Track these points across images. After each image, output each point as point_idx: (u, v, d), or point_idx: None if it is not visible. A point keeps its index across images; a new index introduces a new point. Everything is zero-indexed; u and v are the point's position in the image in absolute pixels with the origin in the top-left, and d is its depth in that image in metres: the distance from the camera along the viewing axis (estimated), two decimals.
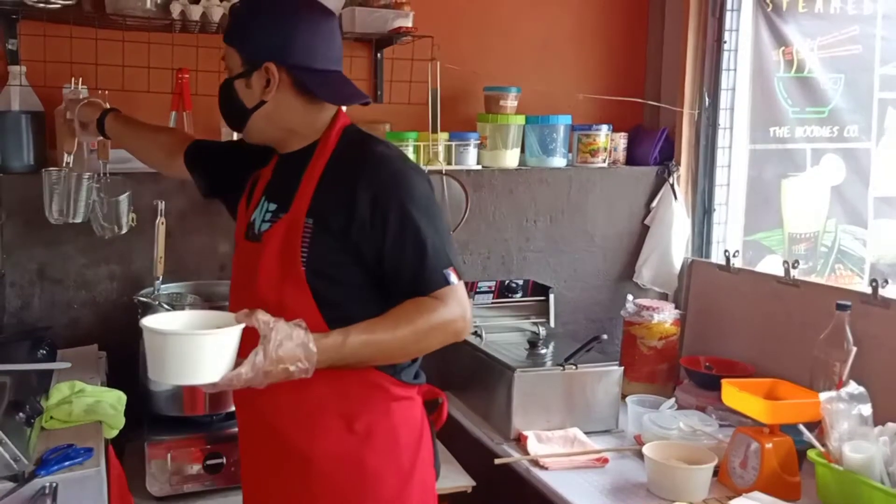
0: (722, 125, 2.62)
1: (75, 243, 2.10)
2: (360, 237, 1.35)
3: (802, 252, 2.73)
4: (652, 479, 1.74)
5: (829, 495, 1.62)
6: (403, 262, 1.35)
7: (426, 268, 1.35)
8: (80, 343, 2.10)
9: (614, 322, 2.61)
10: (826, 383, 1.86)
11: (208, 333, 1.18)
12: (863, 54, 2.73)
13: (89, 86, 2.10)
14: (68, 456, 1.40)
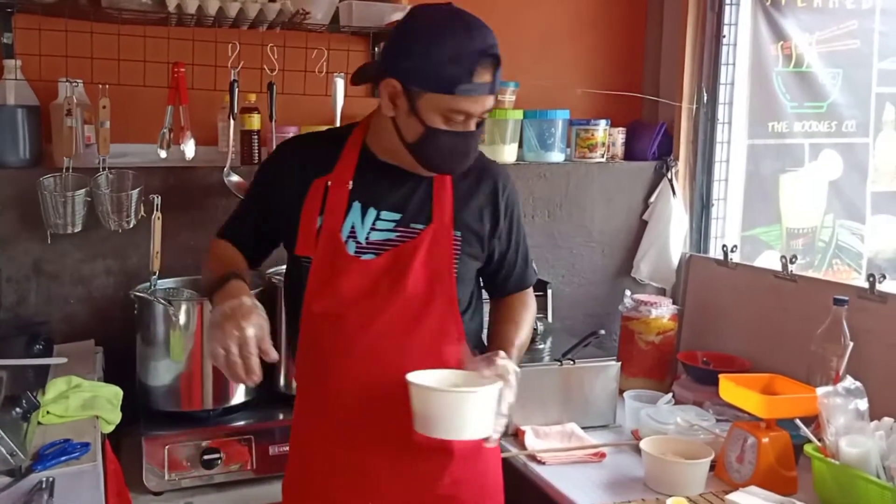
0: (720, 120, 2.62)
1: (71, 238, 2.10)
2: (496, 242, 1.56)
3: (800, 247, 2.73)
4: (649, 474, 1.74)
5: (826, 490, 1.62)
6: (518, 260, 1.62)
7: (529, 264, 1.66)
8: (76, 338, 2.10)
9: (612, 317, 2.61)
10: (823, 378, 1.86)
11: (474, 391, 1.32)
12: (861, 49, 2.73)
13: (84, 80, 2.09)
14: (65, 451, 1.40)
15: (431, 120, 1.37)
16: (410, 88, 1.37)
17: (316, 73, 2.30)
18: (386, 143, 1.46)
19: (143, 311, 1.96)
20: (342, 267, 1.44)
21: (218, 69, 2.21)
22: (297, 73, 2.30)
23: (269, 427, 1.95)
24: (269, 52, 2.24)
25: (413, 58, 1.35)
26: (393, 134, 1.43)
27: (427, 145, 1.41)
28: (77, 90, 2.05)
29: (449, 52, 1.33)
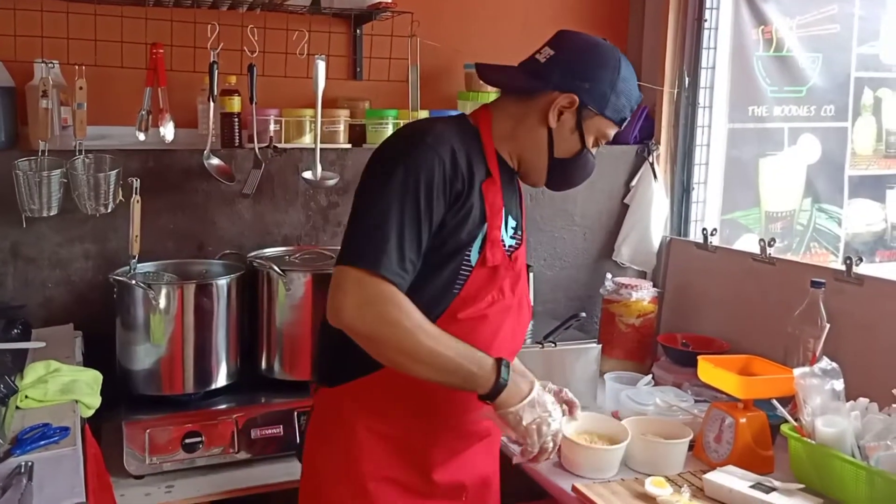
0: (701, 104, 2.63)
1: (48, 222, 2.07)
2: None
3: (779, 230, 2.76)
4: (629, 454, 1.76)
5: (802, 469, 1.65)
6: None
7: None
8: (55, 322, 2.08)
9: (593, 300, 2.63)
10: (800, 359, 1.89)
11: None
12: (841, 33, 2.75)
13: (61, 60, 2.06)
14: (44, 435, 1.40)
15: (588, 140, 1.47)
16: (586, 108, 1.43)
17: (297, 55, 2.28)
18: (521, 149, 1.48)
19: (122, 295, 1.95)
20: (503, 274, 1.44)
21: (197, 50, 2.19)
22: (278, 54, 2.28)
23: (251, 410, 1.95)
24: (250, 34, 2.22)
25: (599, 83, 1.43)
26: (538, 144, 1.46)
27: (576, 162, 1.49)
28: (53, 71, 2.02)
29: (626, 88, 1.46)
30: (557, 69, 1.43)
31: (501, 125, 1.47)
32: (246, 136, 2.27)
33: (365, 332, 1.29)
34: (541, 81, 1.43)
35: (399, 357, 1.30)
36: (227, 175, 2.20)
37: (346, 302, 1.27)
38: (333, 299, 1.29)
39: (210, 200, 2.24)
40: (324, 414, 1.49)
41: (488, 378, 1.33)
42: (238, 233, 2.28)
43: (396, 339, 1.28)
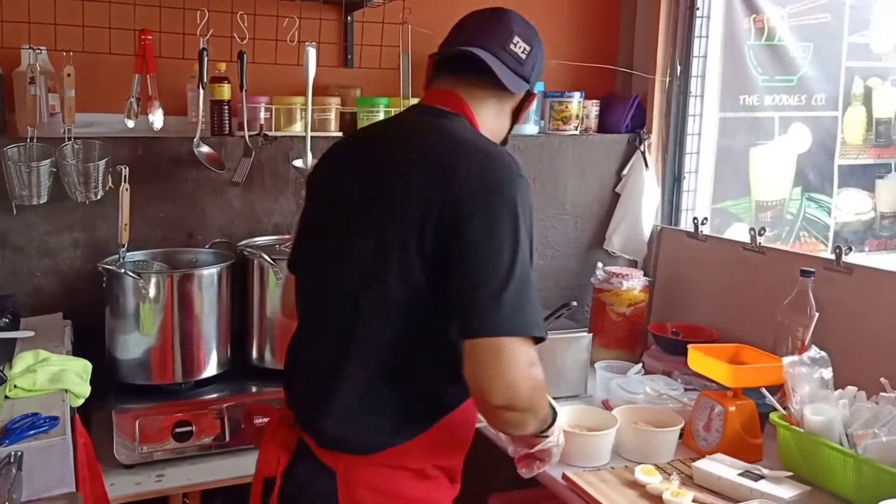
0: (693, 93, 2.63)
1: (37, 210, 2.05)
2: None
3: (769, 220, 2.77)
4: (619, 443, 1.77)
5: (790, 456, 1.66)
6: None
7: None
8: (43, 311, 2.07)
9: (584, 289, 2.63)
10: (789, 348, 1.90)
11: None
12: (832, 23, 2.75)
13: (48, 47, 2.03)
14: (34, 424, 1.39)
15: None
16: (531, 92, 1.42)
17: (287, 42, 2.27)
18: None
19: (111, 284, 1.94)
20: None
21: (186, 37, 2.17)
22: (269, 41, 2.26)
23: (242, 400, 1.94)
24: (240, 20, 2.20)
25: (540, 64, 1.41)
26: (499, 137, 1.40)
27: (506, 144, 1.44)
28: (40, 57, 1.99)
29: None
30: (533, 66, 1.38)
31: (484, 123, 1.35)
32: (236, 124, 2.25)
33: (525, 404, 1.16)
34: (523, 83, 1.37)
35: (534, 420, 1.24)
36: (216, 163, 2.18)
37: (521, 378, 1.14)
38: (506, 378, 1.12)
39: (200, 189, 2.22)
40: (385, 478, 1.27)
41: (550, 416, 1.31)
42: (228, 221, 2.26)
43: (542, 404, 1.23)
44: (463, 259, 1.14)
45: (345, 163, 1.37)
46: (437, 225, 1.15)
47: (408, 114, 1.42)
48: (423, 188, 1.18)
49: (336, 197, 1.33)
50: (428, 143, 1.25)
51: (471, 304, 1.12)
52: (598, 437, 1.72)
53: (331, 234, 1.31)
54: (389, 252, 1.19)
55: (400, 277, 1.18)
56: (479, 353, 1.12)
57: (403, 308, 1.19)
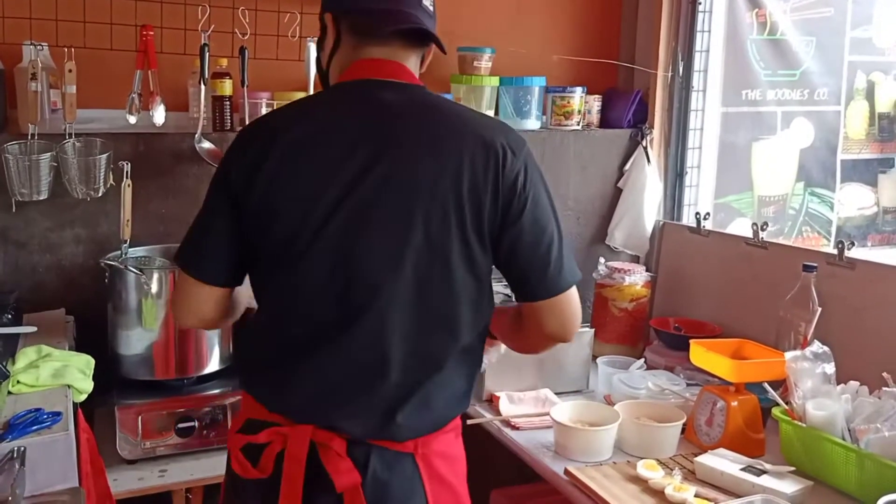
0: (695, 88, 2.62)
1: (38, 206, 2.06)
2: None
3: (771, 214, 2.77)
4: (621, 438, 1.77)
5: (793, 451, 1.66)
6: None
7: None
8: (46, 307, 2.07)
9: (586, 284, 2.61)
10: (791, 343, 1.90)
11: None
12: (834, 17, 2.74)
13: (50, 43, 2.03)
14: (36, 420, 1.39)
15: None
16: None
17: (289, 38, 2.27)
18: None
19: (114, 280, 1.94)
20: None
21: (188, 32, 2.17)
22: (270, 37, 2.26)
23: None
24: (241, 16, 2.20)
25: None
26: None
27: None
28: (42, 53, 1.99)
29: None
30: (435, 21, 1.36)
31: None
32: (237, 120, 2.25)
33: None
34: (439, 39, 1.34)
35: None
36: (218, 159, 2.18)
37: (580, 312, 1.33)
38: (579, 317, 1.32)
39: (201, 184, 2.22)
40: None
41: None
42: None
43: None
44: (524, 234, 1.25)
45: (348, 143, 1.22)
46: (493, 214, 1.23)
47: (384, 93, 1.27)
48: (479, 182, 1.21)
49: (364, 185, 1.20)
50: (454, 129, 1.25)
51: (544, 268, 1.26)
52: (600, 433, 1.72)
53: (365, 223, 1.20)
54: (449, 238, 1.21)
55: (463, 262, 1.23)
56: (561, 305, 1.29)
57: (470, 291, 1.26)
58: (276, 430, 1.25)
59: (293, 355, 1.26)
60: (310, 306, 1.24)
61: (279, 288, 1.26)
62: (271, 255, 1.25)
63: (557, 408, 1.82)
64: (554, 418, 1.77)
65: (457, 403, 1.32)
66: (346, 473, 1.21)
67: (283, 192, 1.21)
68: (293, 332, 1.26)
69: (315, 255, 1.21)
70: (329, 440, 1.22)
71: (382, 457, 1.24)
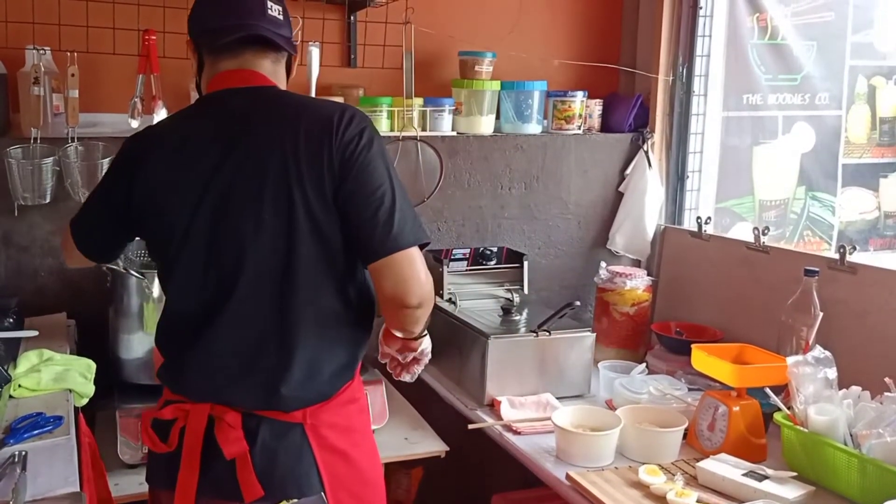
0: (696, 92, 2.62)
1: (41, 210, 2.06)
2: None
3: (772, 219, 2.77)
4: (623, 443, 1.77)
5: (794, 457, 1.66)
6: None
7: None
8: (47, 311, 2.07)
9: (587, 289, 2.63)
10: (793, 348, 1.89)
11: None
12: (835, 21, 2.74)
13: (52, 47, 2.04)
14: (37, 424, 1.39)
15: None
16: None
17: None
18: None
19: (115, 284, 1.94)
20: None
21: None
22: None
23: None
24: None
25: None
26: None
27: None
28: (45, 58, 2.00)
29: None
30: (288, 27, 1.46)
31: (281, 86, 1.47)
32: None
33: (429, 299, 1.37)
34: (290, 40, 1.46)
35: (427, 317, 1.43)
36: None
37: (426, 279, 1.35)
38: (420, 279, 1.33)
39: None
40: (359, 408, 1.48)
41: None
42: None
43: (433, 301, 1.41)
44: (356, 195, 1.33)
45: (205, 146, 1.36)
46: (331, 178, 1.31)
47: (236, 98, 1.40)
48: (315, 151, 1.31)
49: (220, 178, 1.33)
50: (293, 113, 1.36)
51: (375, 227, 1.32)
52: (601, 437, 1.72)
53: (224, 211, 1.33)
54: (295, 208, 1.31)
55: (312, 229, 1.32)
56: (396, 265, 1.32)
57: (327, 262, 1.34)
58: (179, 407, 1.37)
59: (182, 342, 1.39)
60: (189, 294, 1.37)
61: (166, 281, 1.42)
62: (155, 252, 1.44)
63: (559, 412, 1.82)
64: (555, 423, 1.76)
65: (338, 374, 1.39)
66: (235, 442, 1.31)
67: (156, 194, 1.37)
68: (180, 319, 1.40)
69: (188, 247, 1.35)
70: (223, 413, 1.33)
71: (271, 427, 1.34)
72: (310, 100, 1.44)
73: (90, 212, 1.50)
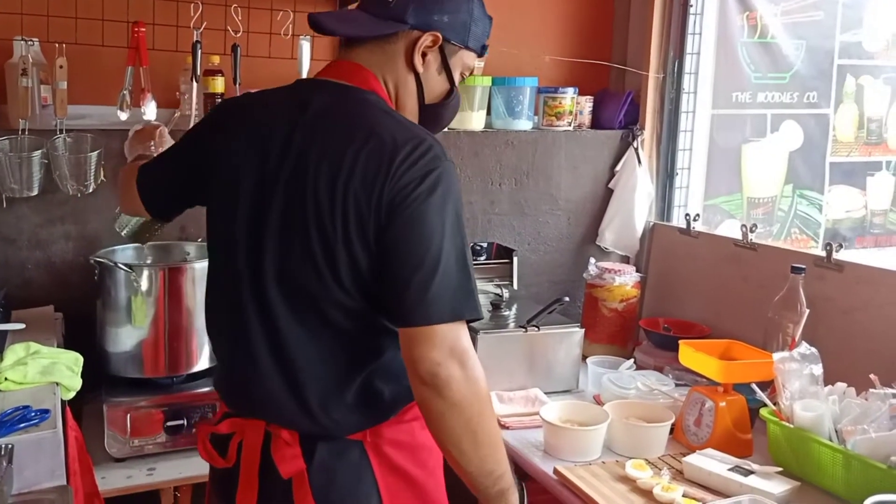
0: (686, 90, 2.63)
1: (28, 202, 2.05)
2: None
3: (760, 216, 2.78)
4: (611, 437, 1.78)
5: (780, 452, 1.67)
6: None
7: None
8: (35, 304, 2.06)
9: (576, 284, 2.64)
10: (779, 344, 1.91)
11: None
12: (824, 21, 2.76)
13: (41, 38, 2.02)
14: (24, 417, 1.38)
15: (455, 78, 1.33)
16: (449, 44, 1.28)
17: (281, 36, 2.26)
18: (400, 105, 1.31)
19: (103, 277, 1.93)
20: None
21: (180, 29, 2.16)
22: (263, 35, 2.25)
23: None
24: (233, 13, 2.19)
25: (458, 13, 1.28)
26: (410, 94, 1.30)
27: (449, 105, 1.35)
28: (33, 49, 1.98)
29: (482, 13, 1.32)
30: (410, 5, 1.25)
31: (387, 84, 1.29)
32: None
33: (468, 401, 1.13)
34: (395, 23, 1.25)
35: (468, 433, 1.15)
36: None
37: (462, 368, 1.12)
38: (449, 368, 1.11)
39: None
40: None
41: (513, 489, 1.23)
42: None
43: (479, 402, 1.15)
44: (398, 251, 1.17)
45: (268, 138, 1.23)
46: (376, 219, 1.15)
47: (320, 91, 1.26)
48: (369, 183, 1.14)
49: (271, 175, 1.21)
50: (366, 128, 1.18)
51: (408, 292, 1.15)
52: (589, 432, 1.73)
53: (264, 216, 1.21)
54: (339, 245, 1.16)
55: (356, 270, 1.18)
56: (419, 341, 1.14)
57: (344, 295, 1.21)
58: (235, 421, 1.29)
59: (226, 354, 1.31)
60: (221, 299, 1.30)
61: (212, 274, 1.33)
62: (209, 239, 1.32)
63: (547, 407, 1.83)
64: (543, 418, 1.77)
65: (406, 394, 1.23)
66: (291, 461, 1.22)
67: (216, 171, 1.27)
68: (221, 327, 1.32)
69: (226, 247, 1.26)
70: (279, 430, 1.24)
71: (330, 446, 1.24)
72: (391, 119, 1.21)
73: (162, 163, 1.43)
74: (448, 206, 1.14)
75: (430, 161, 1.15)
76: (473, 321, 1.16)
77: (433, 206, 1.13)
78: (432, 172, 1.14)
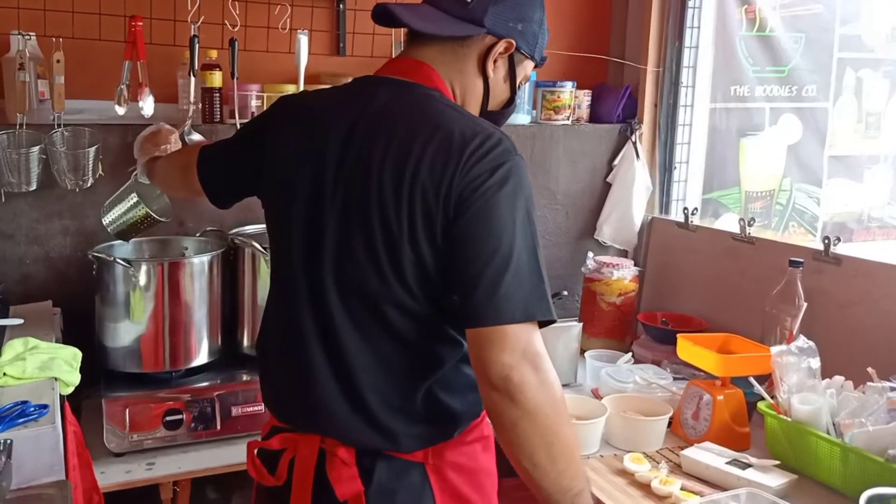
0: (684, 83, 2.63)
1: (26, 197, 2.04)
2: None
3: (758, 210, 2.78)
4: (609, 431, 1.78)
5: (778, 445, 1.67)
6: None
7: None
8: (33, 299, 2.06)
9: (575, 278, 2.64)
10: (777, 338, 1.91)
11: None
12: (823, 14, 2.75)
13: (37, 33, 2.02)
14: (23, 413, 1.38)
15: (517, 87, 1.32)
16: (518, 52, 1.26)
17: (279, 30, 2.26)
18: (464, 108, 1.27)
19: (102, 272, 1.93)
20: None
21: (177, 24, 2.16)
22: (260, 29, 2.25)
23: (233, 388, 1.94)
24: (231, 8, 2.19)
25: (531, 23, 1.26)
26: (476, 98, 1.27)
27: (506, 113, 1.33)
28: (30, 43, 1.97)
29: (545, 23, 1.31)
30: (490, 9, 1.21)
31: (452, 86, 1.25)
32: (227, 112, 2.24)
33: (540, 408, 1.07)
34: (473, 25, 1.21)
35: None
36: None
37: (536, 373, 1.07)
38: (521, 371, 1.06)
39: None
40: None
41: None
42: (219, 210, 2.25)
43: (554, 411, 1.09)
44: (467, 247, 1.13)
45: (328, 136, 1.20)
46: (444, 214, 1.11)
47: (383, 88, 1.23)
48: (437, 179, 1.11)
49: (329, 173, 1.18)
50: (431, 124, 1.14)
51: (477, 290, 1.12)
52: (587, 426, 1.73)
53: (319, 214, 1.18)
54: (405, 247, 1.12)
55: (423, 272, 1.14)
56: (488, 341, 1.10)
57: (411, 298, 1.17)
58: (286, 437, 1.23)
59: (278, 362, 1.26)
60: (284, 303, 1.25)
61: (271, 274, 1.31)
62: (269, 240, 1.31)
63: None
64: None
65: (468, 411, 1.22)
66: (348, 482, 1.16)
67: (274, 168, 1.26)
68: (276, 332, 1.28)
69: (283, 247, 1.24)
70: (335, 447, 1.18)
71: (390, 465, 1.18)
72: (457, 113, 1.16)
73: (223, 153, 1.43)
74: (519, 201, 1.10)
75: (500, 154, 1.11)
76: (547, 324, 1.10)
77: (504, 200, 1.09)
78: (503, 166, 1.10)
